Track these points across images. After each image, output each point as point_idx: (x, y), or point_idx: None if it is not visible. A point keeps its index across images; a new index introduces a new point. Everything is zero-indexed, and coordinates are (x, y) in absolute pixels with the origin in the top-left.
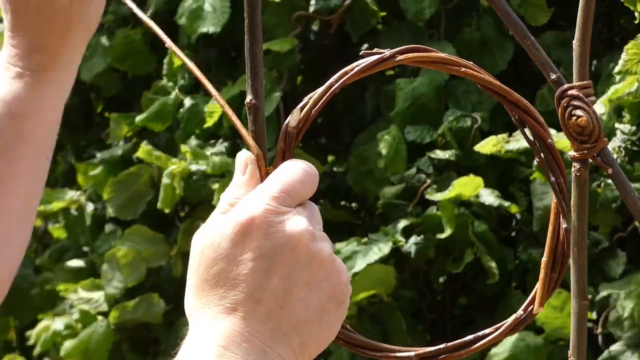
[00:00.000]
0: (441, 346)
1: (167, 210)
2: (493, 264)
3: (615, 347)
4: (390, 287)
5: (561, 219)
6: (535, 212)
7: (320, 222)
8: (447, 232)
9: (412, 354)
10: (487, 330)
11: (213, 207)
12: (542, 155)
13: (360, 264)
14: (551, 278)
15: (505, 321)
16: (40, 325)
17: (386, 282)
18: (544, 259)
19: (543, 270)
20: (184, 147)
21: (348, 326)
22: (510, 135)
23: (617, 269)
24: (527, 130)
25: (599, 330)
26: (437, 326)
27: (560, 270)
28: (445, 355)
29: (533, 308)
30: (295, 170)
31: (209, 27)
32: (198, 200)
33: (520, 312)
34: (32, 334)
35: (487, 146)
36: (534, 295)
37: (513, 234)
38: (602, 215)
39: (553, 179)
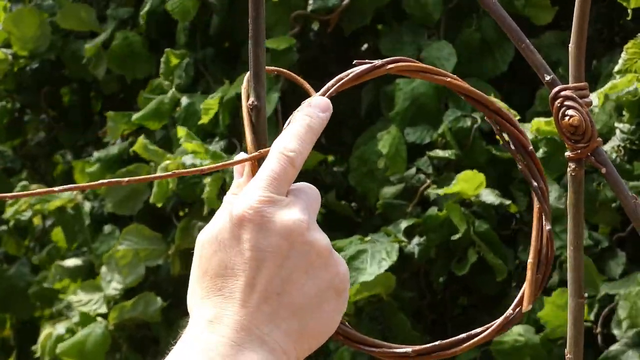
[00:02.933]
0: (436, 343)
1: (159, 205)
2: (499, 261)
3: (615, 347)
4: (390, 288)
5: (544, 220)
6: None
7: (317, 207)
8: (461, 232)
9: (409, 350)
10: (478, 330)
11: (206, 200)
12: (524, 162)
13: (371, 271)
14: (537, 278)
15: (496, 321)
16: (43, 334)
17: (386, 284)
18: (529, 260)
19: (529, 271)
20: (182, 132)
21: (347, 322)
22: None
23: (617, 269)
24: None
25: (598, 330)
26: (437, 326)
27: (545, 271)
28: (440, 352)
29: (521, 307)
30: (274, 158)
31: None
32: (193, 199)
33: (509, 311)
34: (38, 347)
35: None
36: (522, 295)
37: (513, 234)
38: (601, 214)
39: (535, 184)
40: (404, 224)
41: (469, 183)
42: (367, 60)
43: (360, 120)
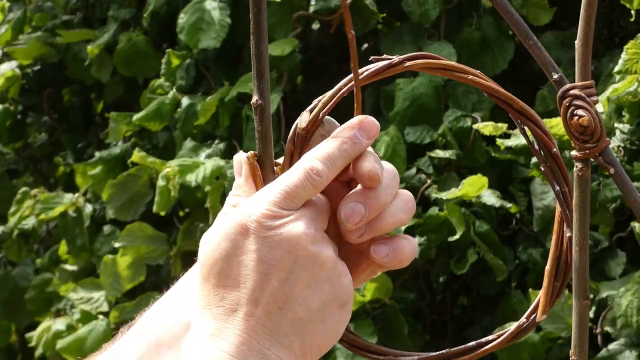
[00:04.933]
0: (444, 351)
1: (162, 213)
2: (500, 262)
3: (613, 346)
4: (389, 291)
5: (565, 227)
6: (536, 212)
7: (326, 222)
8: (459, 234)
9: (416, 358)
10: (489, 337)
11: (210, 209)
12: (547, 164)
13: None
14: (554, 286)
15: (508, 328)
16: (41, 327)
17: (384, 287)
18: (547, 267)
19: (546, 279)
20: (171, 163)
21: (352, 329)
22: (509, 127)
23: (617, 269)
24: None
25: (598, 330)
26: (437, 326)
27: (563, 279)
28: None
29: (536, 316)
30: (297, 173)
31: (209, 41)
32: (194, 204)
33: (523, 319)
34: (34, 335)
35: (486, 129)
36: (537, 303)
37: (513, 234)
38: (600, 215)
39: (557, 187)
40: None
41: (473, 186)
42: (384, 57)
43: None
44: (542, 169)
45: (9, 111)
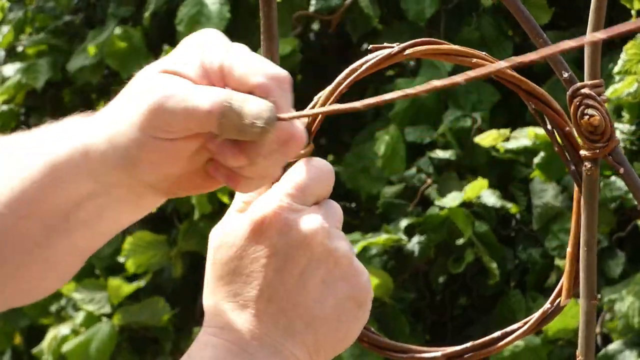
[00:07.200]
0: (468, 344)
1: (154, 210)
2: (494, 265)
3: (613, 346)
4: (389, 290)
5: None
6: (535, 210)
7: (340, 221)
8: (466, 237)
9: (439, 353)
10: (514, 326)
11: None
12: (561, 144)
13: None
14: (577, 269)
15: (532, 316)
16: (49, 336)
17: (384, 286)
18: (568, 249)
19: (568, 262)
20: None
21: (372, 328)
22: (511, 131)
23: (617, 269)
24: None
25: (598, 330)
26: (437, 326)
27: None
28: (473, 354)
29: (560, 301)
30: (309, 169)
31: None
32: (187, 202)
33: (547, 305)
34: (43, 347)
35: (487, 139)
36: (560, 288)
37: (513, 234)
38: (600, 215)
39: (572, 167)
40: (404, 223)
41: (473, 190)
42: (383, 45)
43: (359, 119)
44: (556, 149)
45: (14, 112)
